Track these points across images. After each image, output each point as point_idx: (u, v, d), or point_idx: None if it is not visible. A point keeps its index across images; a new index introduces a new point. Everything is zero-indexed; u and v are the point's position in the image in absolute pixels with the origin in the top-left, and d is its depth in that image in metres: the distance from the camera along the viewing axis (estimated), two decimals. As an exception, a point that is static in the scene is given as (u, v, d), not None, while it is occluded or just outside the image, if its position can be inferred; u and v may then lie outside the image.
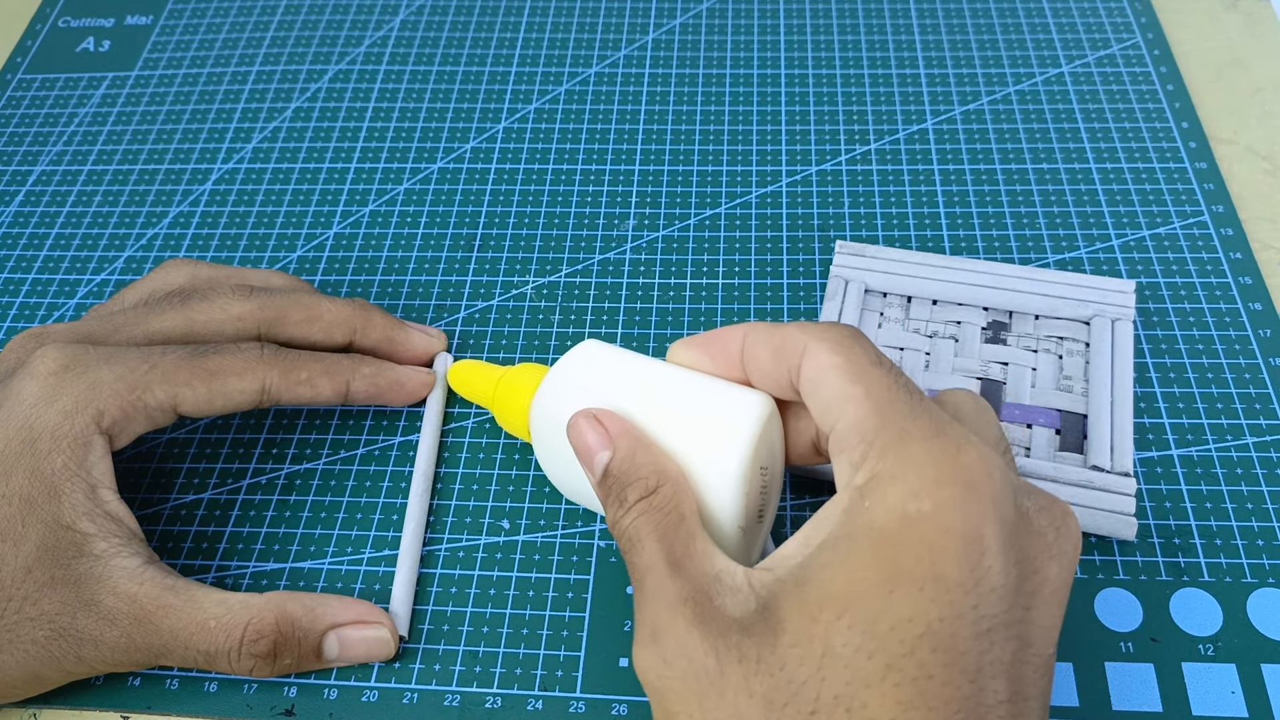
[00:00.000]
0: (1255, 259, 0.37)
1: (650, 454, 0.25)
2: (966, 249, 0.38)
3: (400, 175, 0.42)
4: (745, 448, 0.25)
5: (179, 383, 0.29)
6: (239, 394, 0.30)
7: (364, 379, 0.32)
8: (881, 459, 0.22)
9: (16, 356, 0.30)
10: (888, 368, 0.24)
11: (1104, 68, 0.44)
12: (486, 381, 0.32)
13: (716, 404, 0.26)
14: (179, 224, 0.41)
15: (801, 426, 0.27)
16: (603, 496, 0.26)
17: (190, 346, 0.30)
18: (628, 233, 0.40)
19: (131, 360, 0.29)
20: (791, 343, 0.25)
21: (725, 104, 0.44)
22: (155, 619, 0.27)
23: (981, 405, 0.25)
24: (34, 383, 0.28)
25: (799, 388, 0.25)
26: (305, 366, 0.31)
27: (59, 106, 0.47)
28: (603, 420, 0.26)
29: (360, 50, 0.48)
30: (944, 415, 0.23)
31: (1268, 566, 0.30)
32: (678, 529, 0.24)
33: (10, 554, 0.26)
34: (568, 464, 0.28)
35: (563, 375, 0.28)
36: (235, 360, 0.30)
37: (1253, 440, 0.33)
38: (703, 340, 0.27)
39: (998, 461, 0.22)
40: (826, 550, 0.22)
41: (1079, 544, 0.23)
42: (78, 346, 0.29)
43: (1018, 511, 0.22)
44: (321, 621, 0.28)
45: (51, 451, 0.27)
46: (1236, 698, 0.28)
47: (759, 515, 0.27)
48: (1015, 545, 0.21)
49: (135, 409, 0.28)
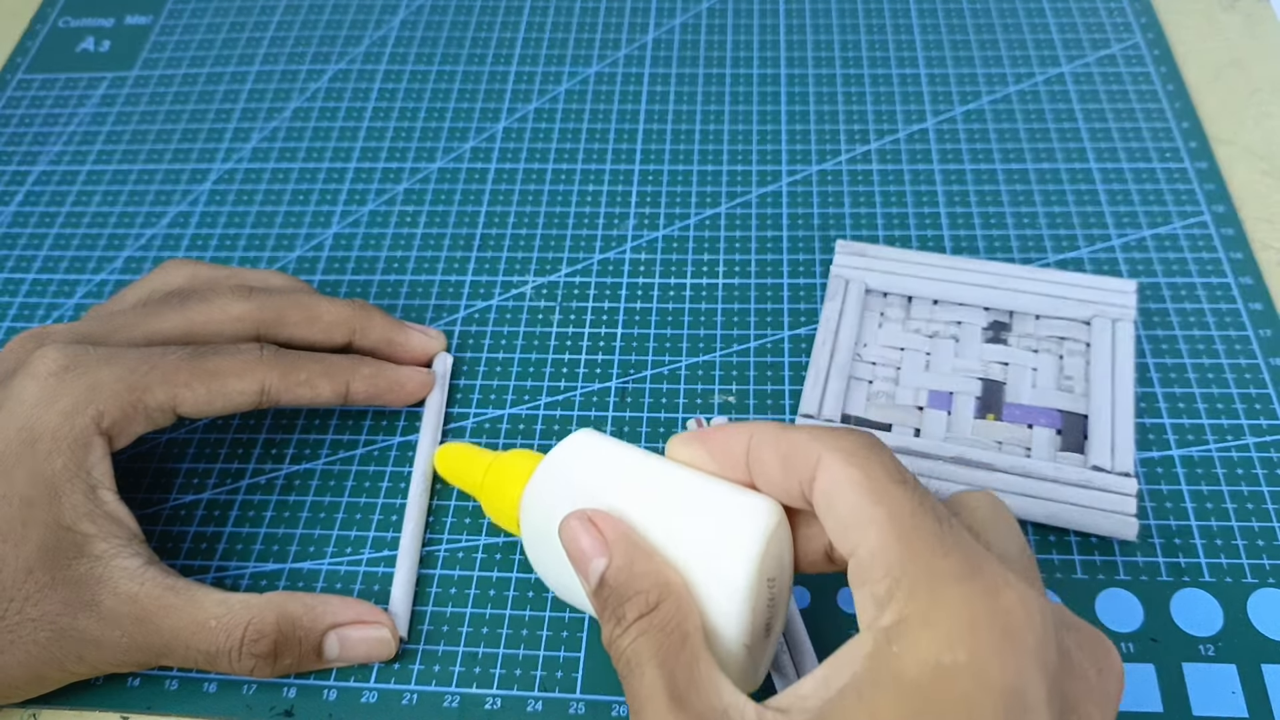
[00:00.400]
0: (1255, 259, 0.37)
1: (650, 563, 0.23)
2: (967, 249, 0.38)
3: (399, 175, 0.42)
4: (753, 560, 0.23)
5: (178, 384, 0.29)
6: (238, 395, 0.30)
7: (363, 379, 0.32)
8: (911, 599, 0.20)
9: (16, 357, 0.30)
10: (911, 486, 0.22)
11: (1104, 68, 0.44)
12: (474, 468, 0.30)
13: (722, 510, 0.24)
14: (178, 224, 0.41)
15: (812, 534, 0.24)
16: (599, 609, 0.24)
17: (190, 347, 0.30)
18: (627, 232, 0.40)
19: (131, 361, 0.29)
20: (802, 452, 0.23)
21: (725, 103, 0.44)
22: (156, 619, 0.27)
23: (999, 511, 0.24)
24: (34, 383, 0.28)
25: (812, 501, 0.23)
26: (304, 367, 0.31)
27: (59, 106, 0.47)
28: (598, 523, 0.24)
29: (360, 50, 0.48)
30: (976, 547, 0.21)
31: (1268, 567, 0.30)
32: (680, 652, 0.22)
33: (11, 555, 0.26)
34: (559, 564, 0.25)
35: (555, 468, 0.26)
36: (234, 361, 0.30)
37: (1253, 440, 0.33)
38: (704, 436, 0.25)
39: (1038, 602, 0.20)
40: (849, 696, 0.20)
41: (1122, 681, 0.21)
42: (78, 347, 0.29)
43: (1061, 654, 0.20)
44: (322, 621, 0.28)
45: (52, 452, 0.27)
46: (1237, 698, 0.28)
47: (765, 630, 0.24)
48: (1058, 694, 0.19)
49: (135, 410, 0.28)
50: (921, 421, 0.33)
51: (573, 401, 0.35)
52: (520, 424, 0.34)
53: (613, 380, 0.35)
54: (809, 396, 0.33)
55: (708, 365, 0.35)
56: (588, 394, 0.35)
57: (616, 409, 0.34)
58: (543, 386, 0.35)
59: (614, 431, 0.34)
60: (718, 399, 0.35)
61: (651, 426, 0.34)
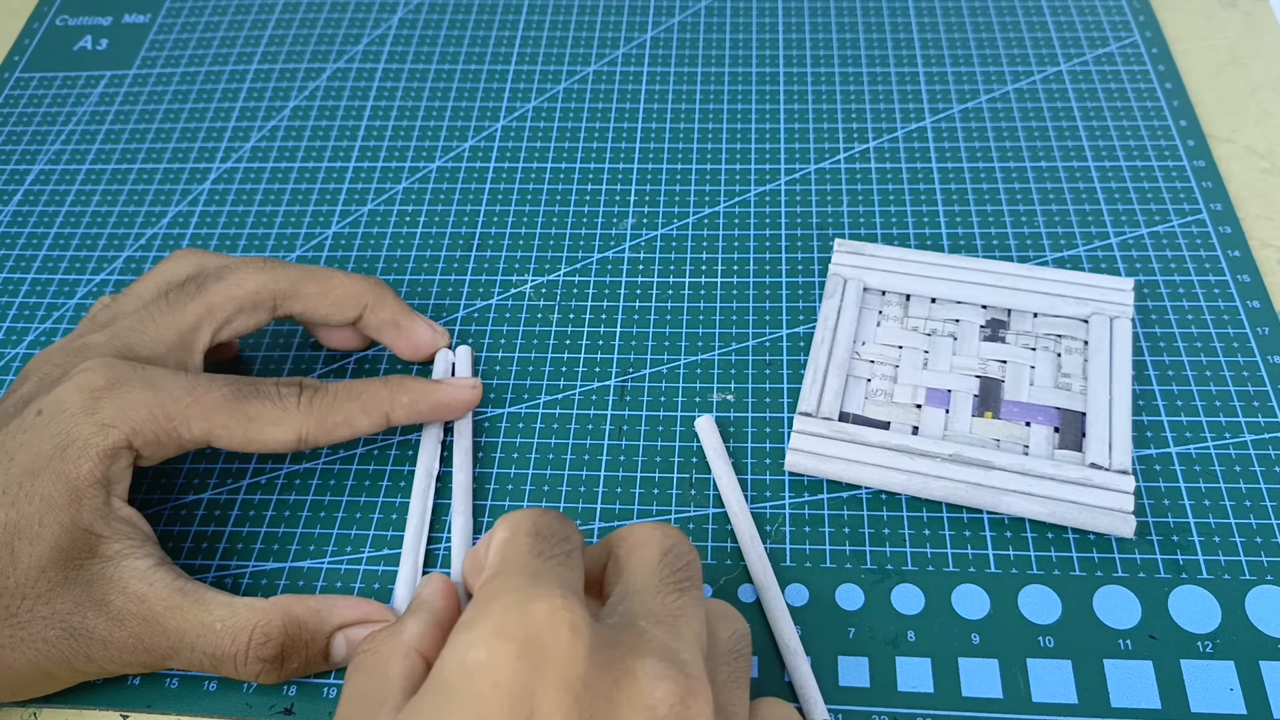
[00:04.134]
0: (1253, 257, 0.37)
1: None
2: (965, 247, 0.38)
3: (399, 174, 0.42)
4: None
5: (217, 423, 0.29)
6: (274, 442, 0.30)
7: (403, 408, 0.31)
8: (470, 611, 0.21)
9: (62, 368, 0.30)
10: (544, 536, 0.23)
11: (1102, 66, 0.44)
12: None
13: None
14: (177, 224, 0.41)
15: None
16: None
17: (234, 385, 0.30)
18: (626, 231, 0.40)
19: (175, 390, 0.29)
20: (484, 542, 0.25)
21: (724, 102, 0.44)
22: (163, 620, 0.27)
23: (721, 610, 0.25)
24: (78, 396, 0.28)
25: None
26: (340, 409, 0.30)
27: (57, 105, 0.47)
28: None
29: (358, 49, 0.48)
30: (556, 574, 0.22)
31: (1266, 564, 0.30)
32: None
33: (26, 552, 0.27)
34: None
35: None
36: (273, 409, 0.30)
37: (1251, 438, 0.33)
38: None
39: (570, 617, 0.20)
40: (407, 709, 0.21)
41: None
42: (124, 365, 0.29)
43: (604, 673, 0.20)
44: (328, 623, 0.28)
45: (80, 458, 0.27)
46: (1235, 695, 0.28)
47: None
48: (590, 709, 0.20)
49: (169, 437, 0.29)
50: (919, 419, 0.33)
51: (572, 400, 0.35)
52: (520, 423, 0.34)
53: (611, 379, 0.35)
54: (807, 394, 0.33)
55: (706, 364, 0.36)
56: (586, 393, 0.35)
57: (615, 407, 0.35)
58: (542, 385, 0.35)
59: (613, 430, 0.34)
60: (716, 397, 0.35)
61: (650, 425, 0.34)
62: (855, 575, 0.30)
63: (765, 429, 0.34)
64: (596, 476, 0.33)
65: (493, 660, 0.20)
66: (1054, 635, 0.29)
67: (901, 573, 0.30)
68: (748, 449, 0.33)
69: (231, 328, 0.32)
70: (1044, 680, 0.28)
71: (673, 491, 0.33)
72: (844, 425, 0.32)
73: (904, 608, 0.30)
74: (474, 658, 0.20)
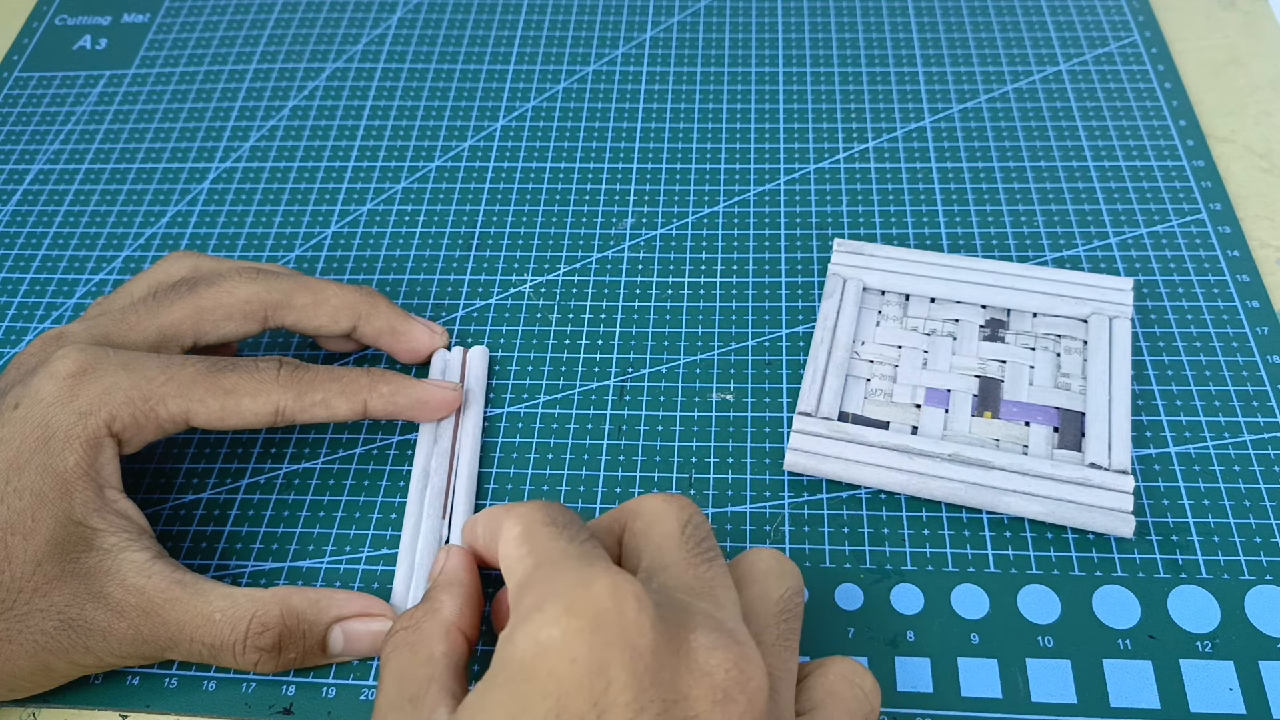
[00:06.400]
0: (1253, 256, 0.37)
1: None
2: (964, 247, 0.38)
3: (398, 174, 0.42)
4: None
5: (193, 398, 0.29)
6: (252, 414, 0.30)
7: (381, 398, 0.32)
8: (531, 597, 0.22)
9: (37, 357, 0.30)
10: (562, 525, 0.24)
11: (1101, 66, 0.44)
12: None
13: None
14: (176, 223, 0.41)
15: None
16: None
17: (209, 361, 0.30)
18: (626, 231, 0.40)
19: (149, 370, 0.29)
20: (497, 521, 0.26)
21: (723, 102, 0.44)
22: (162, 611, 0.27)
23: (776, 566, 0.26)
24: (53, 383, 0.28)
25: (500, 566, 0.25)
26: (321, 387, 0.31)
27: (56, 105, 0.47)
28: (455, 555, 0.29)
29: (357, 48, 0.48)
30: (599, 554, 0.23)
31: (1265, 564, 0.30)
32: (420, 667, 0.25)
33: (20, 547, 0.27)
34: None
35: None
36: (250, 380, 0.30)
37: (1250, 438, 0.33)
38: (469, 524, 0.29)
39: (632, 591, 0.21)
40: (477, 689, 0.22)
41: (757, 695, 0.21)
42: (97, 349, 0.29)
43: (668, 643, 0.21)
44: (326, 614, 0.28)
45: (64, 450, 0.27)
46: (1234, 695, 0.28)
47: None
48: (657, 679, 0.21)
49: (148, 418, 0.29)
50: (919, 419, 0.33)
51: (571, 400, 0.35)
52: (519, 422, 0.34)
53: (611, 378, 0.35)
54: (807, 394, 0.33)
55: (706, 363, 0.35)
56: (586, 392, 0.35)
57: (615, 407, 0.35)
58: (541, 385, 0.35)
59: (613, 430, 0.34)
60: (715, 397, 0.35)
61: (650, 425, 0.34)
62: (854, 575, 0.30)
63: (764, 429, 0.34)
64: (596, 476, 0.33)
65: (567, 638, 0.21)
66: (1053, 635, 0.29)
67: (901, 572, 0.30)
68: (747, 449, 0.33)
69: (219, 334, 0.32)
70: (1043, 680, 0.28)
71: (672, 492, 0.32)
72: (843, 425, 0.32)
73: (903, 608, 0.30)
74: (548, 636, 0.21)
